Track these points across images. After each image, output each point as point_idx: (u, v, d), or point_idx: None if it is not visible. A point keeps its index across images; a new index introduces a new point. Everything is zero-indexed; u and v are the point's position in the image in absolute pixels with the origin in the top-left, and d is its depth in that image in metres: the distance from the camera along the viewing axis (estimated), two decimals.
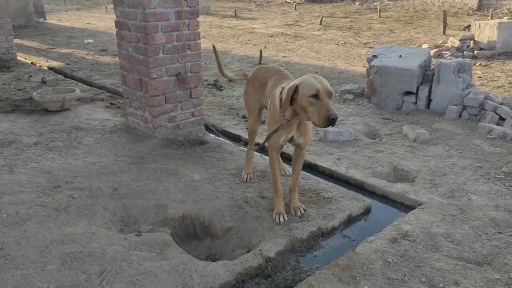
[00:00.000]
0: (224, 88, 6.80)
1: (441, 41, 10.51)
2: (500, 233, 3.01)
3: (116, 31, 4.55)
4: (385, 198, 3.61)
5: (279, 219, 3.13)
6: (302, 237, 2.99)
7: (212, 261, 2.95)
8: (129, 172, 3.80)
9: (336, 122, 2.67)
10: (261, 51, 8.64)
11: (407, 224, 3.08)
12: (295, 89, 2.75)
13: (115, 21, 4.51)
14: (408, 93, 5.58)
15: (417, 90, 5.53)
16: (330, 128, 4.68)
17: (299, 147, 3.18)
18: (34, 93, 5.25)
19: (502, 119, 4.92)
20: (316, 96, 2.65)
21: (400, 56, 5.69)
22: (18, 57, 9.01)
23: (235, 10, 17.67)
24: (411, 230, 3.01)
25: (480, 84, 6.90)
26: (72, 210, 3.18)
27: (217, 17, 17.07)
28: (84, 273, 2.55)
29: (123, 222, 3.22)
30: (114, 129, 4.79)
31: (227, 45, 10.84)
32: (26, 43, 10.65)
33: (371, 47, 10.62)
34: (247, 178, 3.73)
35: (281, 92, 2.92)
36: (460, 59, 5.57)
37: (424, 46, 9.92)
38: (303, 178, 3.79)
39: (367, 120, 5.33)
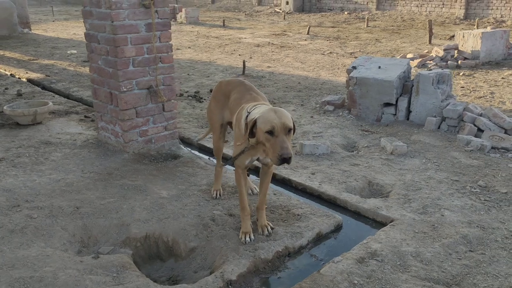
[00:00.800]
0: (205, 100, 6.70)
1: (426, 51, 10.50)
2: (471, 251, 2.91)
3: (86, 44, 4.44)
4: (357, 214, 3.52)
5: (245, 238, 3.02)
6: (267, 257, 2.87)
7: (172, 284, 2.85)
8: (95, 189, 3.68)
9: (291, 161, 2.53)
10: (244, 62, 8.56)
11: (376, 243, 2.98)
12: (254, 123, 2.65)
13: (84, 34, 4.41)
14: (387, 104, 5.51)
15: (397, 101, 5.46)
16: (306, 141, 4.61)
17: (266, 166, 3.08)
18: (5, 107, 5.12)
19: (480, 130, 4.85)
20: (271, 132, 2.54)
21: (380, 67, 5.63)
22: None
23: (223, 20, 17.63)
24: (380, 249, 2.91)
25: (462, 94, 6.86)
26: (28, 231, 3.05)
27: (205, 26, 17.03)
28: None
29: (83, 243, 3.09)
30: (85, 143, 4.67)
31: (212, 55, 10.77)
32: (8, 54, 10.52)
33: (356, 57, 10.59)
34: (216, 194, 3.62)
35: (247, 117, 2.81)
36: (439, 70, 5.52)
37: (409, 55, 9.90)
38: (274, 194, 3.69)
39: (346, 132, 5.25)
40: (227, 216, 3.33)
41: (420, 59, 9.28)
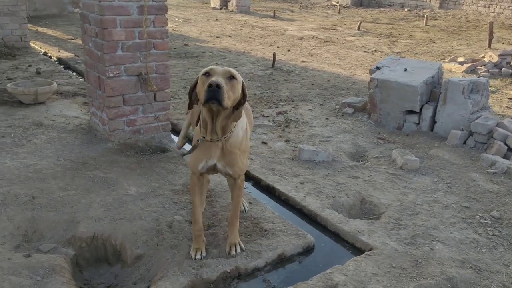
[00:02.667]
0: None
1: (482, 55, 9.59)
2: None
3: (81, 24, 4.24)
4: (336, 236, 3.08)
5: (195, 255, 2.66)
6: (210, 278, 2.52)
7: None
8: (61, 178, 3.47)
9: (219, 94, 2.17)
10: (274, 54, 8.16)
11: (341, 275, 2.55)
12: (196, 80, 2.35)
13: (79, 13, 4.20)
14: (411, 112, 4.94)
15: (421, 109, 4.88)
16: (305, 146, 4.18)
17: (230, 177, 2.70)
18: (8, 84, 5.06)
19: (511, 150, 4.21)
20: (208, 74, 2.28)
21: (406, 69, 5.06)
22: (35, 46, 9.03)
23: (274, 11, 17.20)
24: (343, 283, 2.47)
25: (507, 107, 6.10)
26: None
27: (255, 16, 16.69)
28: None
29: (26, 237, 2.88)
30: (76, 128, 4.49)
31: (249, 46, 10.42)
32: (50, 32, 10.71)
33: (402, 57, 9.88)
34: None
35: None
36: (474, 78, 4.88)
37: (460, 59, 9.08)
38: (250, 202, 3.32)
39: (359, 139, 4.75)
40: (187, 223, 3.01)
41: (471, 64, 8.46)
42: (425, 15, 16.34)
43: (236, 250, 2.72)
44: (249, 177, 3.85)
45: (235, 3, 17.62)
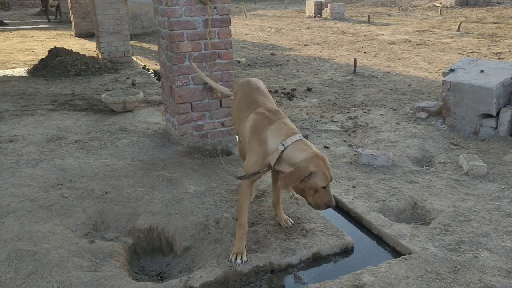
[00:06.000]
0: (296, 98, 6.54)
1: None
2: None
3: (157, 39, 4.69)
4: (378, 239, 3.07)
5: (236, 259, 2.73)
6: (242, 270, 2.69)
7: (159, 280, 2.87)
8: (132, 177, 3.89)
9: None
10: (355, 60, 8.10)
11: (371, 276, 2.56)
12: (309, 175, 2.47)
13: (156, 29, 4.66)
14: (487, 115, 4.66)
15: (499, 112, 4.58)
16: (364, 151, 4.19)
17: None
18: (103, 95, 5.71)
19: None
20: (325, 187, 2.53)
21: (482, 71, 4.78)
22: (137, 60, 9.96)
23: (369, 16, 16.90)
24: (370, 284, 2.49)
25: None
26: (54, 208, 3.37)
27: (348, 22, 16.56)
28: (15, 272, 2.67)
29: (95, 226, 3.30)
30: (154, 133, 4.96)
31: (335, 52, 10.43)
32: (152, 47, 11.70)
33: (501, 58, 9.20)
34: None
35: (281, 151, 2.57)
36: None
37: None
38: (297, 203, 3.44)
39: (428, 144, 4.60)
40: (233, 220, 3.21)
41: None
42: None
43: (291, 221, 3.13)
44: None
45: (329, 11, 17.63)
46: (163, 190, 3.66)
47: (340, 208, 3.49)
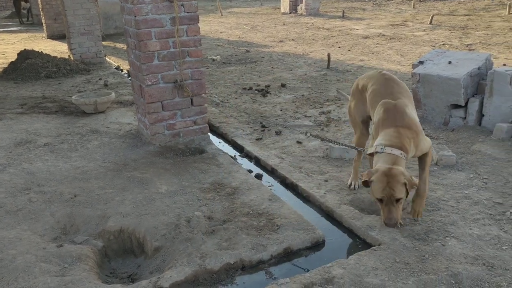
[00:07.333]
0: (270, 94, 6.53)
1: None
2: None
3: (125, 39, 4.63)
4: (349, 232, 3.09)
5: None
6: (213, 268, 2.68)
7: (130, 282, 2.84)
8: (102, 178, 3.83)
9: (397, 225, 2.86)
10: (329, 55, 8.14)
11: (340, 268, 2.57)
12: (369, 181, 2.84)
13: (124, 28, 4.60)
14: (456, 106, 4.73)
15: (467, 103, 4.65)
16: (335, 144, 4.19)
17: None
18: (73, 97, 5.62)
19: None
20: (380, 200, 2.82)
21: (450, 62, 4.85)
22: (110, 60, 9.82)
23: (343, 11, 17.01)
24: (340, 276, 2.50)
25: None
26: (21, 213, 3.30)
27: (323, 18, 16.62)
28: None
29: (64, 230, 3.24)
30: (126, 133, 4.89)
31: (309, 48, 10.47)
32: (126, 47, 11.54)
33: (472, 49, 9.35)
34: (353, 185, 3.59)
35: (376, 149, 2.90)
36: None
37: None
38: (269, 199, 3.43)
39: None
40: (205, 218, 3.19)
41: None
42: (509, 3, 15.20)
43: (419, 216, 3.04)
44: (275, 175, 3.97)
45: (304, 7, 17.68)
46: (134, 191, 3.62)
47: (312, 202, 3.49)
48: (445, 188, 3.50)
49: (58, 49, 11.26)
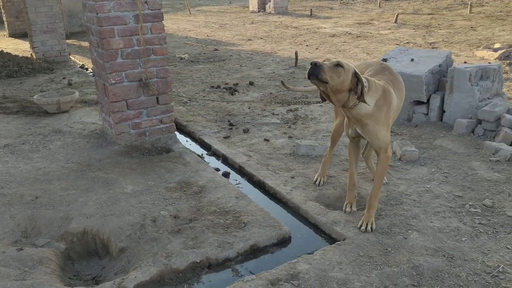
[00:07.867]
0: (238, 93, 6.52)
1: None
2: (415, 286, 2.40)
3: (88, 37, 4.54)
4: (315, 227, 3.12)
5: (346, 208, 3.15)
6: (179, 267, 2.66)
7: (95, 284, 2.78)
8: (65, 180, 3.74)
9: (317, 71, 2.70)
10: (296, 53, 8.19)
11: (306, 264, 2.60)
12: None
13: (86, 26, 4.50)
14: (419, 102, 4.85)
15: (429, 99, 4.77)
16: (302, 142, 4.23)
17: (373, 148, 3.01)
18: (35, 96, 5.47)
19: None
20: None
21: (412, 60, 4.96)
22: (74, 59, 9.61)
23: (311, 9, 17.15)
24: (305, 271, 2.52)
25: None
26: None
27: (291, 16, 16.72)
28: None
29: (25, 233, 3.15)
30: (90, 133, 4.80)
31: (277, 46, 10.51)
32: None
33: (435, 47, 9.58)
34: (319, 181, 3.59)
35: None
36: (484, 64, 4.70)
37: (497, 45, 8.69)
38: (236, 197, 3.43)
39: None
40: (171, 218, 3.16)
41: (505, 50, 8.07)
42: (470, 2, 15.66)
43: (367, 227, 2.89)
44: (243, 173, 3.97)
45: (273, 5, 17.74)
46: (98, 192, 3.55)
47: (279, 199, 3.51)
48: (408, 183, 3.58)
49: (20, 47, 10.93)
